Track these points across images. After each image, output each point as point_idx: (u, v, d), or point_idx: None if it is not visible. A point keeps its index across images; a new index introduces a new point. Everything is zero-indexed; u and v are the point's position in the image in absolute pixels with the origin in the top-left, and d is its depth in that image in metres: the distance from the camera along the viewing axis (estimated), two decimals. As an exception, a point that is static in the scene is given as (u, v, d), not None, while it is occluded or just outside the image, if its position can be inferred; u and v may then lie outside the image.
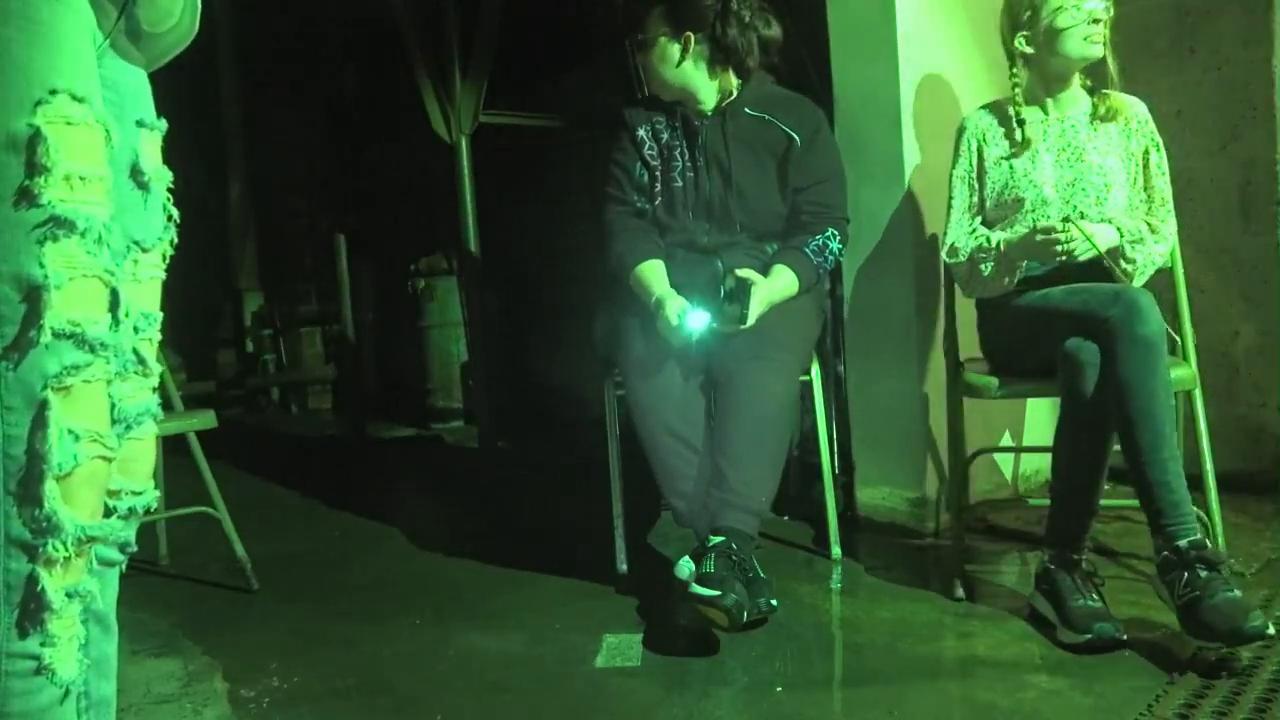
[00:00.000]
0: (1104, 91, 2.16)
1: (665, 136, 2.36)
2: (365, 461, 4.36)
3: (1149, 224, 2.11)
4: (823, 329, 2.44)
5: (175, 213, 1.06)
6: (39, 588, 0.85)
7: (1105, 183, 2.10)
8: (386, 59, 4.69)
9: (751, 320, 2.12)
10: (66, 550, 0.85)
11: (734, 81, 2.34)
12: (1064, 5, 2.08)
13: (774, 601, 1.97)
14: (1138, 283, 2.04)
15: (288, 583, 2.53)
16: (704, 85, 2.33)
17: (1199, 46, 2.67)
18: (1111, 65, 2.13)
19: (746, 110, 2.33)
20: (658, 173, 2.35)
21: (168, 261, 1.07)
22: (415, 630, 2.14)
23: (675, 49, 2.31)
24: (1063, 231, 1.95)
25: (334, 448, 4.81)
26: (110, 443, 0.89)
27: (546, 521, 3.03)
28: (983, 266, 2.11)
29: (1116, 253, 2.03)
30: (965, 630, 1.96)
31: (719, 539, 1.96)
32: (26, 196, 0.83)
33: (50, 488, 0.84)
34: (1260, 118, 2.58)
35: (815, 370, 2.34)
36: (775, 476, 2.10)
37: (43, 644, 0.86)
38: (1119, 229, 2.06)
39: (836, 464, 2.59)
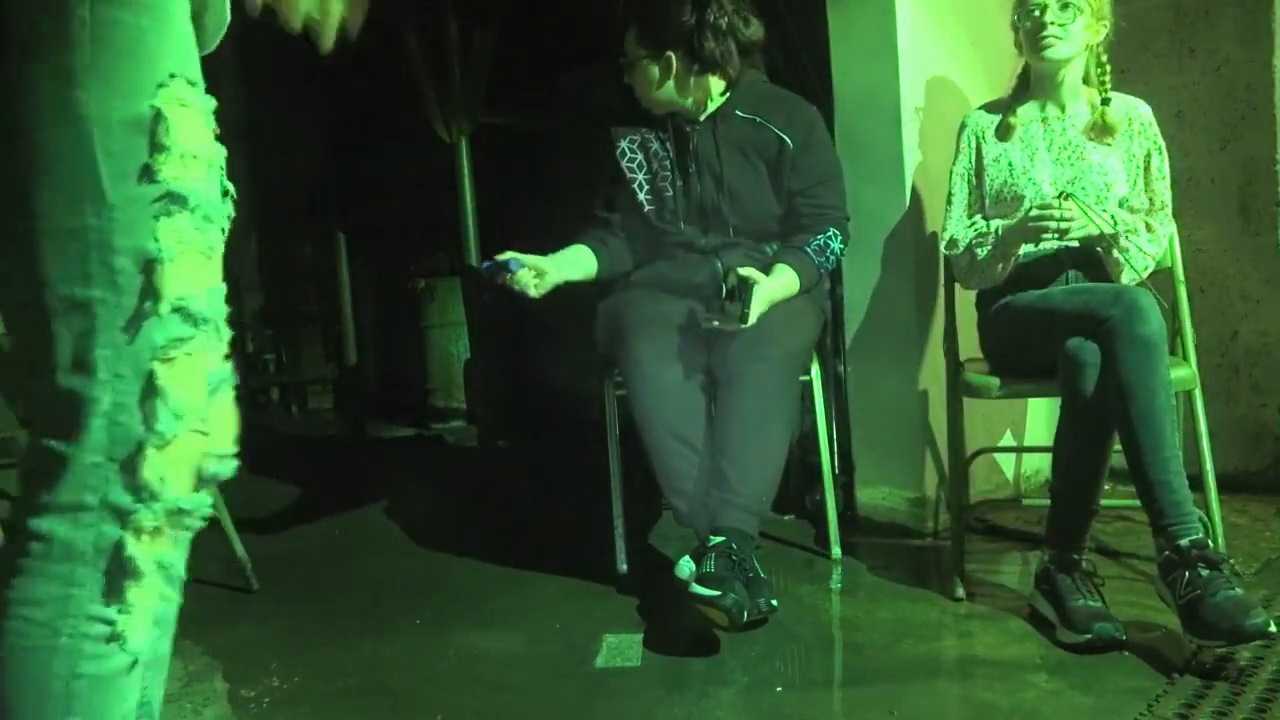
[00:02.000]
0: (1104, 106, 2.14)
1: (654, 146, 2.36)
2: (365, 461, 4.36)
3: (1146, 224, 2.11)
4: (823, 329, 2.44)
5: (231, 188, 1.07)
6: (126, 554, 0.86)
7: (1105, 182, 2.10)
8: (386, 59, 4.69)
9: (753, 319, 2.11)
10: (157, 519, 0.87)
11: (720, 86, 2.34)
12: (1022, 8, 2.12)
13: (774, 601, 1.97)
14: (1130, 275, 2.03)
15: (288, 583, 2.53)
16: (691, 97, 2.33)
17: (1198, 47, 2.67)
18: (1093, 72, 2.14)
19: (738, 113, 2.32)
20: (645, 182, 2.35)
21: (225, 235, 1.09)
22: (415, 630, 2.14)
23: (656, 70, 2.31)
24: (1059, 207, 1.95)
25: (334, 448, 4.80)
26: (205, 416, 0.90)
27: (546, 521, 3.02)
28: (979, 250, 2.11)
29: (1109, 240, 2.02)
30: (965, 630, 1.96)
31: (719, 539, 1.96)
32: (147, 174, 0.86)
33: (151, 456, 0.86)
34: (1260, 118, 2.59)
35: (815, 370, 2.34)
36: (775, 476, 2.10)
37: (120, 611, 0.87)
38: (1113, 218, 2.05)
39: (836, 464, 2.59)
